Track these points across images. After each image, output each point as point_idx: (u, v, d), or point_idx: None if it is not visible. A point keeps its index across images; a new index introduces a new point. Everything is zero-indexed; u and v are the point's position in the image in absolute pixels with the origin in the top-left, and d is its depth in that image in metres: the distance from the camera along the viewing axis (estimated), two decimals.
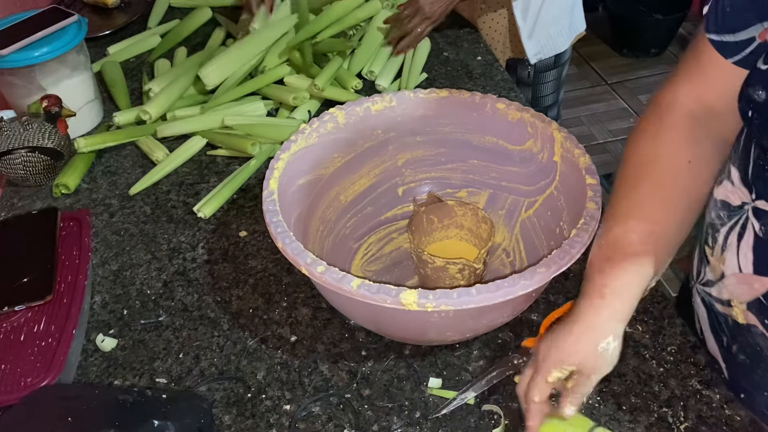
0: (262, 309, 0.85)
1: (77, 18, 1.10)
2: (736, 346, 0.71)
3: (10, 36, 1.05)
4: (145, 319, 0.85)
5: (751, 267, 0.67)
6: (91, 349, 0.82)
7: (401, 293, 0.62)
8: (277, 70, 1.20)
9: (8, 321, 0.80)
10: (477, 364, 0.77)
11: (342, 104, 0.86)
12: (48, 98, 1.04)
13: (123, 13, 1.46)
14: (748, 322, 0.70)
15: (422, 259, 0.78)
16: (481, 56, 1.29)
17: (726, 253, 0.71)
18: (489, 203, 0.90)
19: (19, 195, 1.06)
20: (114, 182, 1.06)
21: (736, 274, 0.70)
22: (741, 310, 0.70)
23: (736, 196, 0.69)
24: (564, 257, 0.65)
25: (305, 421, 0.73)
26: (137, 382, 0.78)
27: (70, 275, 0.85)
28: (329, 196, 0.87)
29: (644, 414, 0.71)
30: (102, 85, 1.24)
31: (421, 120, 0.88)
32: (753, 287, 0.68)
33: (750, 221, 0.66)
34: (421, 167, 0.92)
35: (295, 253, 0.67)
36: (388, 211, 0.92)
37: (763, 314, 0.68)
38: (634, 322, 0.80)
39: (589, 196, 0.71)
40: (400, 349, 0.79)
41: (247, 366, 0.79)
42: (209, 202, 0.99)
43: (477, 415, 0.72)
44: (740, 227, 0.68)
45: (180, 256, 0.93)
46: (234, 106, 1.15)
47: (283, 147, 0.80)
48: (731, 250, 0.70)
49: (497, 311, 0.70)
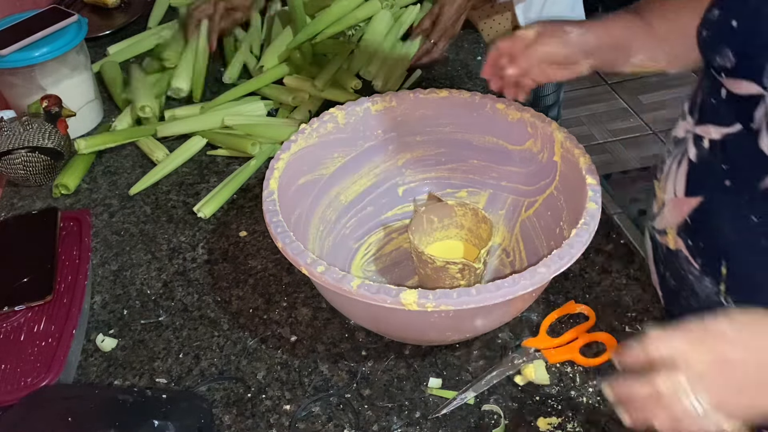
0: (262, 309, 0.85)
1: (77, 18, 1.10)
2: (668, 272, 0.72)
3: (10, 36, 1.05)
4: (145, 319, 0.85)
5: (684, 190, 0.70)
6: (91, 349, 0.82)
7: (401, 293, 0.62)
8: (276, 70, 1.20)
9: (8, 321, 0.80)
10: (477, 364, 0.77)
11: (342, 104, 0.86)
12: (48, 98, 1.04)
13: (123, 13, 1.46)
14: (677, 247, 0.71)
15: (422, 259, 0.78)
16: (481, 56, 1.29)
17: (667, 181, 0.73)
18: (489, 203, 0.90)
19: (19, 195, 1.06)
20: (114, 182, 1.06)
21: (672, 200, 0.72)
22: (672, 236, 0.72)
23: (682, 129, 0.72)
24: (564, 257, 0.65)
25: (305, 421, 0.73)
26: (137, 382, 0.78)
27: (70, 275, 0.85)
28: (329, 196, 0.87)
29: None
30: (102, 85, 1.24)
31: (421, 120, 0.88)
32: (682, 210, 0.70)
33: (688, 148, 0.69)
34: (421, 167, 0.92)
35: (295, 253, 0.67)
36: (388, 211, 0.93)
37: (687, 236, 0.70)
38: (635, 322, 0.80)
39: (589, 196, 0.71)
40: (400, 349, 0.79)
41: (247, 366, 0.79)
42: (209, 202, 0.99)
43: (477, 415, 0.72)
44: (681, 155, 0.71)
45: (180, 256, 0.93)
46: (234, 106, 1.15)
47: (283, 147, 0.80)
48: (671, 178, 0.72)
49: (497, 311, 0.70)
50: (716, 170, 0.64)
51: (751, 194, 0.62)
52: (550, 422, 0.71)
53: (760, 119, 0.59)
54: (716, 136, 0.65)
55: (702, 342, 0.50)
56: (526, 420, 0.71)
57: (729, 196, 0.65)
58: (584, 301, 0.82)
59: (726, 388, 0.49)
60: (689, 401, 0.48)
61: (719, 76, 0.63)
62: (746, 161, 0.62)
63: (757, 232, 0.63)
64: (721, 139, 0.64)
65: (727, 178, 0.62)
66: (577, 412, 0.72)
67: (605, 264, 0.87)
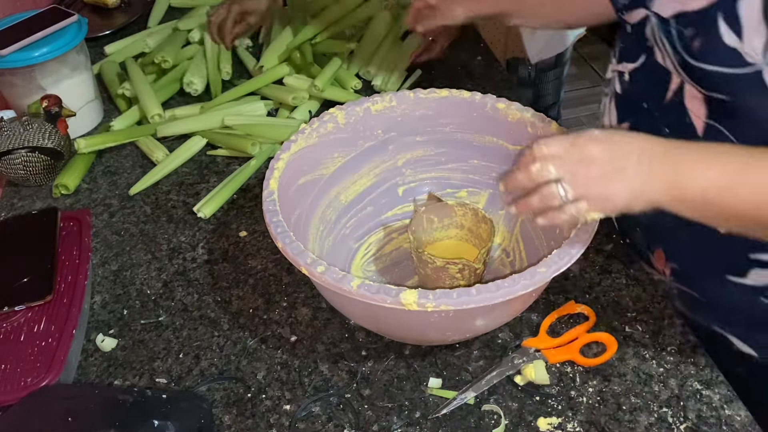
0: (262, 309, 0.85)
1: (77, 18, 1.10)
2: None
3: (10, 36, 1.05)
4: (145, 319, 0.85)
5: (615, 120, 0.80)
6: (91, 349, 0.82)
7: (401, 293, 0.62)
8: (276, 70, 1.20)
9: (8, 321, 0.80)
10: (477, 364, 0.77)
11: (342, 104, 0.86)
12: (48, 98, 1.04)
13: (123, 13, 1.46)
14: None
15: (422, 259, 0.78)
16: (481, 56, 1.29)
17: (604, 117, 0.84)
18: (489, 203, 0.90)
19: (19, 195, 1.06)
20: (114, 182, 1.06)
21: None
22: None
23: (610, 70, 0.82)
24: (564, 257, 0.65)
25: (305, 421, 0.73)
26: (137, 382, 0.78)
27: (70, 275, 0.85)
28: (329, 196, 0.87)
29: (644, 414, 0.71)
30: (102, 85, 1.24)
31: (421, 120, 0.88)
32: None
33: (614, 83, 0.80)
34: (421, 167, 0.92)
35: (295, 253, 0.67)
36: (388, 211, 0.92)
37: None
38: (635, 322, 0.80)
39: None
40: (400, 349, 0.79)
41: (247, 366, 0.79)
42: (209, 202, 0.99)
43: (477, 415, 0.72)
44: (611, 92, 0.81)
45: (180, 256, 0.93)
46: (234, 106, 1.15)
47: (283, 147, 0.80)
48: (606, 112, 0.83)
49: (497, 311, 0.70)
50: (636, 97, 0.74)
51: (661, 111, 0.72)
52: (550, 422, 0.71)
53: (650, 36, 0.70)
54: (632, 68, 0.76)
55: (574, 143, 0.61)
56: (526, 420, 0.71)
57: (646, 116, 0.74)
58: (584, 301, 0.82)
59: (587, 179, 0.59)
60: (557, 188, 0.60)
61: (622, 14, 0.75)
62: (653, 81, 0.72)
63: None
64: (635, 69, 0.75)
65: (642, 101, 0.70)
66: (577, 412, 0.72)
67: (605, 264, 0.87)
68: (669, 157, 0.60)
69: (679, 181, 0.59)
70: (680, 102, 0.69)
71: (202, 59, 1.25)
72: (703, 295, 0.80)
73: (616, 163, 0.59)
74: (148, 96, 1.14)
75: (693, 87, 0.67)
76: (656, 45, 0.70)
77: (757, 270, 0.73)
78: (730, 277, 0.75)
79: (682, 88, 0.69)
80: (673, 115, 0.71)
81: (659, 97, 0.72)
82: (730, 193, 0.58)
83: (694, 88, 0.67)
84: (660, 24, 0.67)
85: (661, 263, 0.83)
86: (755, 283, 0.74)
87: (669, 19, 0.65)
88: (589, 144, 0.60)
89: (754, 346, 0.80)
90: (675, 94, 0.70)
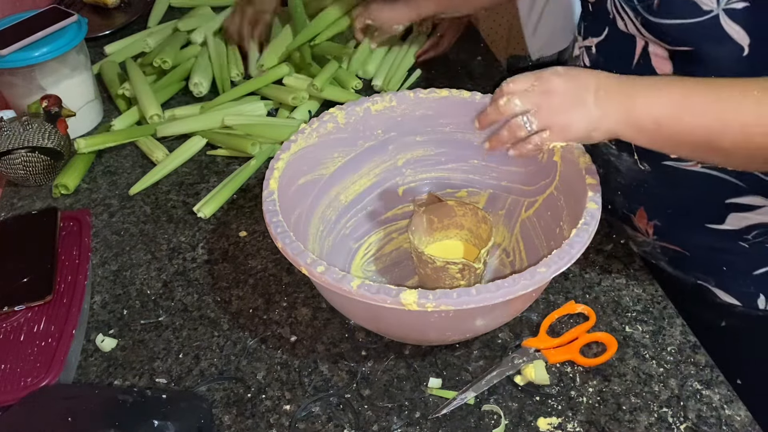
0: (262, 309, 0.85)
1: (77, 18, 1.10)
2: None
3: (10, 36, 1.05)
4: (145, 319, 0.85)
5: None
6: (91, 349, 0.82)
7: (401, 293, 0.62)
8: (276, 70, 1.20)
9: (8, 321, 0.80)
10: (477, 364, 0.77)
11: (342, 104, 0.86)
12: (48, 98, 1.04)
13: (123, 13, 1.46)
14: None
15: (422, 259, 0.78)
16: (481, 56, 1.29)
17: None
18: (489, 203, 0.90)
19: (19, 195, 1.06)
20: (114, 182, 1.06)
21: None
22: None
23: (577, 47, 0.86)
24: (564, 257, 0.65)
25: (305, 421, 0.73)
26: (137, 382, 0.78)
27: (70, 275, 0.85)
28: (329, 196, 0.87)
29: (644, 414, 0.71)
30: (102, 85, 1.24)
31: (421, 120, 0.88)
32: None
33: (583, 58, 0.84)
34: (421, 167, 0.92)
35: (295, 253, 0.67)
36: (388, 211, 0.92)
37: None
38: (635, 322, 0.80)
39: (589, 196, 0.71)
40: (400, 349, 0.79)
41: (247, 366, 0.79)
42: (209, 202, 0.99)
43: (477, 415, 0.72)
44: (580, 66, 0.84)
45: (180, 256, 0.93)
46: (234, 106, 1.15)
47: (283, 147, 0.80)
48: None
49: (497, 311, 0.70)
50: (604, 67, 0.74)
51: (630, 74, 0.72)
52: (550, 422, 0.71)
53: (611, 9, 0.75)
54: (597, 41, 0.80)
55: (538, 77, 0.66)
56: (526, 420, 0.71)
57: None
58: (584, 301, 0.82)
59: (550, 110, 0.64)
60: (522, 119, 0.65)
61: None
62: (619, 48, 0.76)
63: None
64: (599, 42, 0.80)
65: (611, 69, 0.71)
66: (577, 412, 0.72)
67: (605, 264, 0.87)
68: (623, 89, 0.64)
69: (633, 111, 0.63)
70: (647, 64, 0.74)
71: (206, 60, 1.25)
72: (685, 248, 0.84)
73: (576, 94, 0.64)
74: (147, 96, 1.14)
75: (657, 46, 0.71)
76: (618, 14, 0.74)
77: (734, 214, 0.77)
78: (710, 225, 0.80)
79: (646, 50, 0.73)
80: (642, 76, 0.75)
81: (626, 64, 0.76)
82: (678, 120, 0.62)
83: (659, 47, 0.71)
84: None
85: (643, 222, 0.86)
86: (732, 227, 0.79)
87: None
88: (552, 77, 0.65)
89: (736, 295, 0.83)
90: (641, 58, 0.74)
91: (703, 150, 0.64)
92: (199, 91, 1.19)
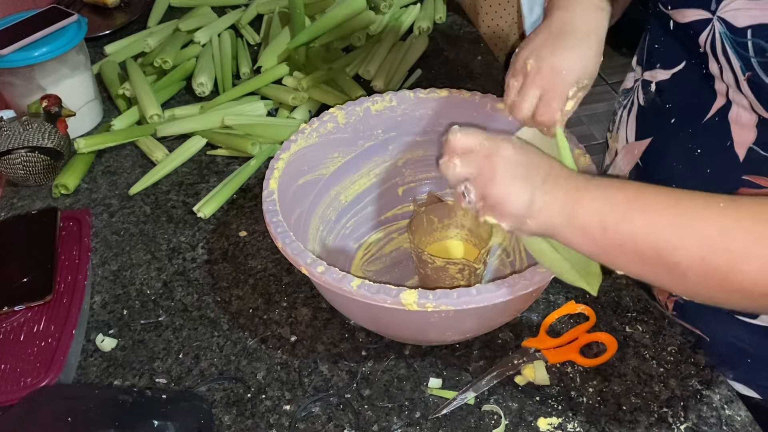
0: (262, 309, 0.85)
1: (77, 18, 1.10)
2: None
3: (10, 36, 1.05)
4: (145, 319, 0.85)
5: (635, 135, 0.76)
6: (91, 349, 0.82)
7: (401, 293, 0.62)
8: (276, 70, 1.20)
9: (8, 321, 0.80)
10: (477, 364, 0.77)
11: (342, 104, 0.86)
12: (48, 98, 1.04)
13: (123, 13, 1.46)
14: None
15: (422, 259, 0.78)
16: (481, 56, 1.29)
17: (619, 130, 0.79)
18: None
19: (19, 195, 1.06)
20: (114, 182, 1.06)
21: (624, 147, 0.77)
22: None
23: (631, 79, 0.78)
24: None
25: (305, 421, 0.73)
26: (137, 382, 0.78)
27: (70, 275, 0.85)
28: (329, 196, 0.87)
29: (644, 414, 0.71)
30: (102, 85, 1.24)
31: (421, 120, 0.88)
32: (634, 154, 0.76)
33: (637, 94, 0.75)
34: (421, 167, 0.92)
35: (295, 253, 0.67)
36: (388, 211, 0.92)
37: (639, 178, 0.74)
38: (635, 322, 0.80)
39: None
40: (400, 349, 0.79)
41: (247, 366, 0.79)
42: (209, 202, 0.99)
43: (477, 415, 0.72)
44: (630, 103, 0.77)
45: (180, 256, 0.93)
46: (234, 106, 1.15)
47: (283, 147, 0.80)
48: (622, 126, 0.78)
49: (497, 311, 0.70)
50: (662, 110, 0.68)
51: (696, 127, 0.66)
52: (550, 422, 0.71)
53: (704, 42, 0.61)
54: (664, 77, 0.70)
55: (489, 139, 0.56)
56: (526, 420, 0.71)
57: (675, 133, 0.69)
58: (584, 301, 0.82)
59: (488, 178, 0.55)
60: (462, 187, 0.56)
61: (666, 9, 0.66)
62: (691, 95, 0.66)
63: (702, 163, 0.67)
64: (668, 79, 0.69)
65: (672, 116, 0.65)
66: (577, 412, 0.72)
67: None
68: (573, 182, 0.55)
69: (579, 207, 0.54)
70: (723, 123, 0.63)
71: (210, 60, 1.25)
72: (706, 333, 0.77)
73: (523, 168, 0.55)
74: (147, 96, 1.14)
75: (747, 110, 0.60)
76: (714, 55, 0.61)
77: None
78: (742, 318, 0.71)
79: (728, 107, 0.62)
80: (711, 136, 0.65)
81: (696, 114, 0.65)
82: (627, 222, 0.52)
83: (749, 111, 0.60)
84: (729, 34, 0.58)
85: (664, 296, 0.80)
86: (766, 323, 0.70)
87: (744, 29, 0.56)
88: (503, 144, 0.56)
89: (758, 389, 0.76)
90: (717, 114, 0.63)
91: (653, 264, 0.53)
92: (202, 91, 1.19)
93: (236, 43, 1.31)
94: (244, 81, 1.21)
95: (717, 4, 0.58)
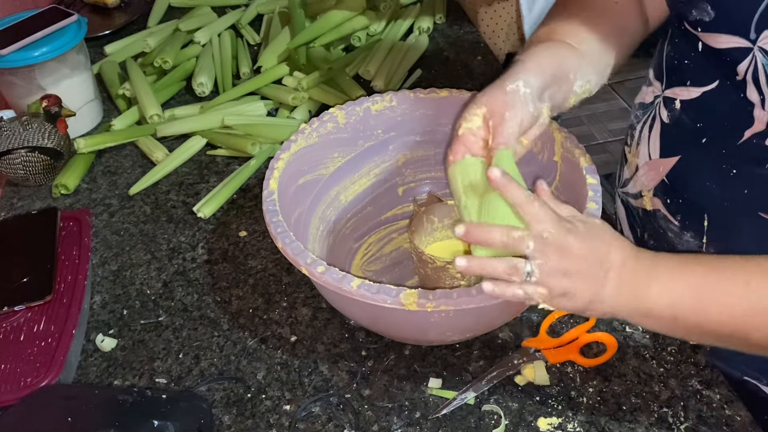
0: (262, 309, 0.85)
1: (77, 18, 1.10)
2: (646, 233, 0.73)
3: (10, 36, 1.05)
4: (145, 319, 0.85)
5: (659, 152, 0.73)
6: (91, 349, 0.82)
7: (401, 293, 0.62)
8: (276, 70, 1.20)
9: (8, 321, 0.80)
10: (477, 364, 0.77)
11: (342, 104, 0.86)
12: (48, 98, 1.04)
13: (123, 13, 1.46)
14: (654, 207, 0.73)
15: (422, 259, 0.78)
16: (481, 56, 1.29)
17: (640, 146, 0.77)
18: None
19: (19, 195, 1.06)
20: (114, 182, 1.06)
21: (647, 163, 0.75)
22: (649, 198, 0.75)
23: (650, 94, 0.75)
24: None
25: (305, 421, 0.73)
26: (137, 382, 0.78)
27: (70, 275, 0.85)
28: (329, 196, 0.87)
29: (644, 414, 0.71)
30: (102, 85, 1.24)
31: (421, 120, 0.88)
32: (658, 171, 0.73)
33: (659, 111, 0.72)
34: (421, 167, 0.92)
35: (295, 253, 0.67)
36: (388, 211, 0.93)
37: (665, 195, 0.73)
38: None
39: (590, 196, 0.71)
40: (400, 349, 0.79)
41: (247, 366, 0.79)
42: (209, 202, 0.99)
43: (477, 415, 0.72)
44: (651, 119, 0.74)
45: (180, 256, 0.93)
46: (234, 106, 1.15)
47: (283, 147, 0.80)
48: (644, 142, 0.76)
49: (497, 311, 0.70)
50: (691, 129, 0.66)
51: (729, 148, 0.64)
52: (550, 422, 0.71)
53: (745, 71, 0.59)
54: (690, 96, 0.67)
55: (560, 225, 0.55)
56: (526, 420, 0.71)
57: (706, 152, 0.67)
58: None
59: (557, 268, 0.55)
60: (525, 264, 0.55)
61: (695, 30, 0.63)
62: (726, 116, 0.64)
63: (737, 183, 0.65)
64: (697, 98, 0.66)
65: (703, 135, 0.63)
66: (577, 412, 0.72)
67: None
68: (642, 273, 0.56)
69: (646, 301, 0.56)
70: (760, 145, 0.61)
71: (210, 60, 1.25)
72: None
73: (590, 264, 0.55)
74: (147, 96, 1.14)
75: None
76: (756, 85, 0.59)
77: None
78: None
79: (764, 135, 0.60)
80: (746, 159, 0.63)
81: (731, 137, 0.63)
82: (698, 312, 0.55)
83: None
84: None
85: None
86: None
87: None
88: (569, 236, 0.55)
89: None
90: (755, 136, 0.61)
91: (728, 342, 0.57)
92: (202, 91, 1.19)
93: (236, 43, 1.31)
94: (244, 81, 1.21)
95: (757, 33, 0.56)
